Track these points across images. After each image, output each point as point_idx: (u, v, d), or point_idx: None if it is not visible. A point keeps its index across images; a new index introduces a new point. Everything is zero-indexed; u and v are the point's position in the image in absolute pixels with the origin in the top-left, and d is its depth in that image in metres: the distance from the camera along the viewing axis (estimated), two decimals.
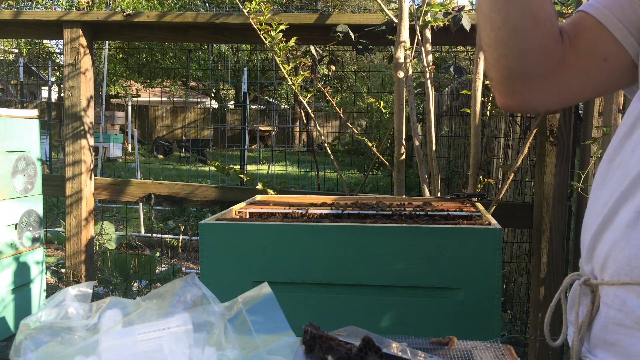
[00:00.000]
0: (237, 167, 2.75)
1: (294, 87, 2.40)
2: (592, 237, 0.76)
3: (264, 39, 2.35)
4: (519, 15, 0.81)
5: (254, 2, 2.32)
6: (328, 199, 1.90)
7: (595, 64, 0.85)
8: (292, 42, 2.34)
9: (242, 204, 1.78)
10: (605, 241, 0.73)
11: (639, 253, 0.68)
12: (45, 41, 14.01)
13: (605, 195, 0.75)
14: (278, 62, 2.36)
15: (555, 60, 0.85)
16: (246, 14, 2.38)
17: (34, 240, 2.58)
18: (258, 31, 2.34)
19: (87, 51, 2.67)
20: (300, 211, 1.68)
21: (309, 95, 2.47)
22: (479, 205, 1.76)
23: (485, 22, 0.86)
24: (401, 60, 2.30)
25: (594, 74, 0.86)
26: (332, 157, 2.55)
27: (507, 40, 0.83)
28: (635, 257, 0.69)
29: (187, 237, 4.89)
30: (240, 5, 2.44)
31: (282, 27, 2.31)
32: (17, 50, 13.33)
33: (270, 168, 6.05)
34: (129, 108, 10.45)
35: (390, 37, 2.38)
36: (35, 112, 2.62)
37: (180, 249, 4.64)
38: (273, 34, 2.32)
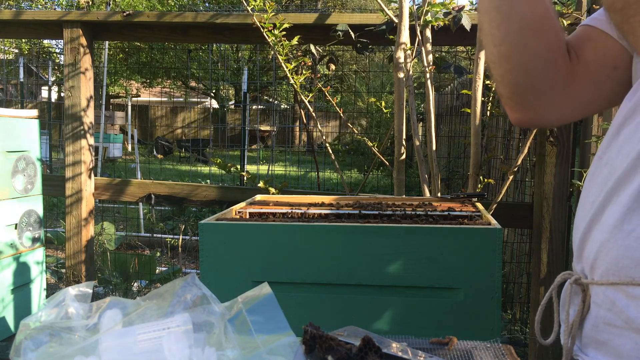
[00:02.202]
0: (238, 166, 2.75)
1: (295, 86, 2.40)
2: (581, 236, 0.77)
3: (267, 37, 2.35)
4: (518, 30, 0.81)
5: (258, 0, 2.32)
6: (328, 199, 1.90)
7: (605, 73, 0.85)
8: (294, 40, 2.34)
9: (242, 204, 1.78)
10: (594, 241, 0.74)
11: (626, 254, 0.68)
12: (45, 41, 14.03)
13: (593, 194, 0.76)
14: (280, 61, 2.36)
15: (563, 74, 0.85)
16: (250, 11, 2.38)
17: (34, 240, 2.58)
18: (261, 29, 2.34)
19: (87, 51, 2.67)
20: (300, 211, 1.68)
21: (310, 95, 2.47)
22: (479, 205, 1.76)
23: (487, 39, 0.86)
24: (401, 60, 2.30)
25: (605, 84, 0.86)
26: (332, 157, 2.55)
27: (510, 55, 0.83)
28: (623, 258, 0.69)
29: (187, 237, 4.89)
30: (244, 3, 2.44)
31: (286, 25, 2.31)
32: (17, 50, 13.33)
33: (270, 168, 6.05)
34: (129, 108, 10.44)
35: (390, 37, 2.38)
36: (35, 112, 2.62)
37: (180, 249, 4.64)
38: (276, 32, 2.32)
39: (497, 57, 0.85)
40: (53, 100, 10.33)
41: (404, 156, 2.35)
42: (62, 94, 4.14)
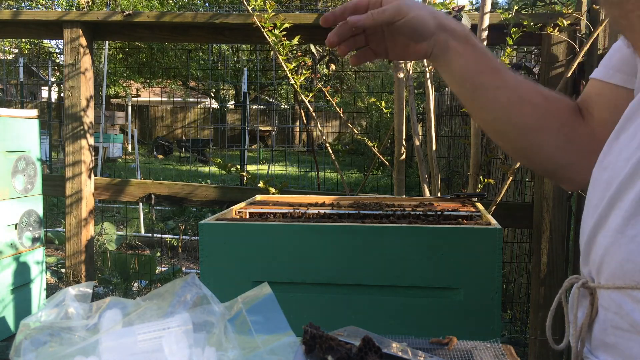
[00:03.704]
0: (238, 166, 2.75)
1: (295, 86, 2.40)
2: (587, 240, 0.77)
3: (267, 37, 2.35)
4: (518, 137, 0.86)
5: (259, 0, 2.32)
6: (328, 199, 1.90)
7: None
8: (295, 40, 2.34)
9: (242, 204, 1.78)
10: (599, 245, 0.74)
11: (630, 257, 0.69)
12: (45, 41, 14.03)
13: (596, 197, 0.76)
14: (280, 60, 2.36)
15: (583, 142, 0.87)
16: (250, 11, 2.38)
17: (34, 240, 2.58)
18: (262, 29, 2.34)
19: (87, 51, 2.67)
20: (300, 211, 1.68)
21: (310, 95, 2.47)
22: (479, 205, 1.76)
23: (496, 141, 0.92)
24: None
25: None
26: (332, 157, 2.55)
27: (524, 154, 0.88)
28: (627, 262, 0.69)
29: (187, 237, 4.89)
30: (244, 3, 2.44)
31: (286, 25, 2.31)
32: (17, 50, 13.33)
33: (270, 168, 6.05)
34: (129, 108, 10.44)
35: None
36: (35, 112, 2.62)
37: (180, 249, 4.64)
38: (276, 32, 2.32)
39: (514, 155, 0.94)
40: (53, 100, 10.32)
41: (404, 156, 2.35)
42: (62, 94, 4.14)
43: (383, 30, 0.90)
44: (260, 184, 2.39)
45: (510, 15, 2.23)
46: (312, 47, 2.68)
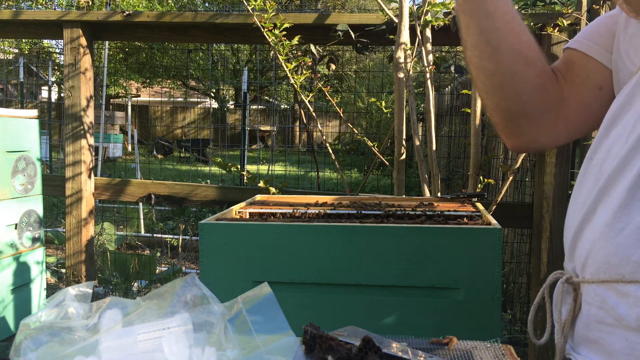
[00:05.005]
0: (238, 166, 2.75)
1: (295, 86, 2.40)
2: (573, 236, 0.78)
3: (267, 37, 2.35)
4: (509, 60, 0.85)
5: (259, 0, 2.32)
6: (328, 199, 1.90)
7: (592, 94, 0.89)
8: (295, 40, 2.34)
9: (242, 204, 1.78)
10: (585, 240, 0.75)
11: (617, 251, 0.69)
12: (45, 41, 14.02)
13: (584, 194, 0.77)
14: (280, 60, 2.36)
15: (553, 97, 0.89)
16: (250, 11, 2.38)
17: (34, 240, 2.58)
18: (262, 29, 2.34)
19: (87, 51, 2.67)
20: (300, 211, 1.68)
21: (310, 95, 2.47)
22: (479, 205, 1.76)
23: (478, 71, 0.89)
24: (401, 60, 2.30)
25: (594, 104, 0.90)
26: (332, 157, 2.55)
27: (503, 85, 0.87)
28: (614, 256, 0.70)
29: (187, 237, 4.89)
30: (244, 2, 2.44)
31: (286, 25, 2.31)
32: (17, 50, 13.33)
33: (270, 168, 6.05)
34: (129, 108, 10.45)
35: (390, 37, 2.37)
36: (35, 112, 2.62)
37: (180, 249, 4.64)
38: (276, 32, 2.32)
39: (491, 87, 0.89)
40: (53, 100, 10.32)
41: (404, 156, 2.35)
42: (62, 94, 4.15)
43: None
44: (261, 184, 2.39)
45: None
46: (312, 47, 2.68)
